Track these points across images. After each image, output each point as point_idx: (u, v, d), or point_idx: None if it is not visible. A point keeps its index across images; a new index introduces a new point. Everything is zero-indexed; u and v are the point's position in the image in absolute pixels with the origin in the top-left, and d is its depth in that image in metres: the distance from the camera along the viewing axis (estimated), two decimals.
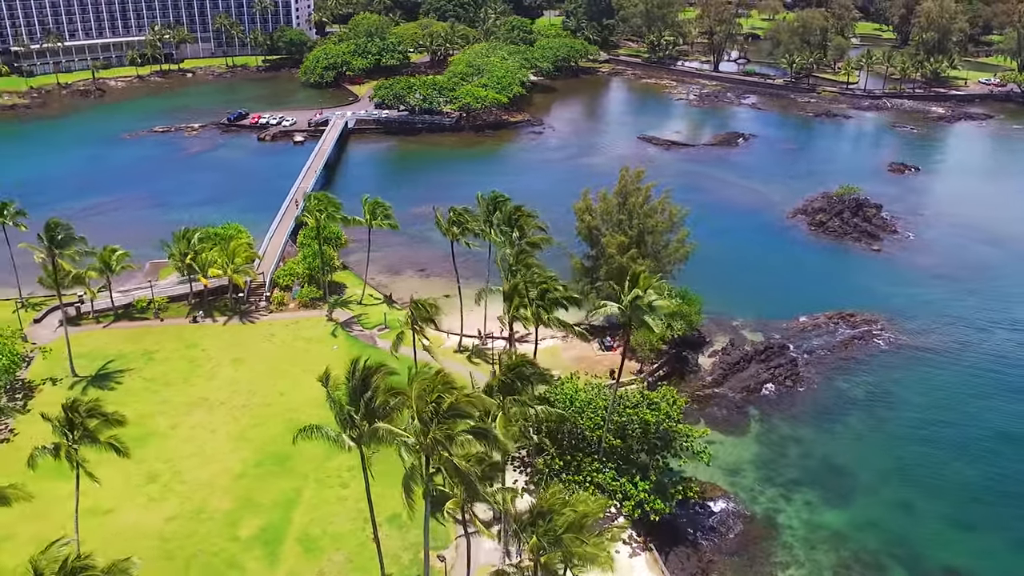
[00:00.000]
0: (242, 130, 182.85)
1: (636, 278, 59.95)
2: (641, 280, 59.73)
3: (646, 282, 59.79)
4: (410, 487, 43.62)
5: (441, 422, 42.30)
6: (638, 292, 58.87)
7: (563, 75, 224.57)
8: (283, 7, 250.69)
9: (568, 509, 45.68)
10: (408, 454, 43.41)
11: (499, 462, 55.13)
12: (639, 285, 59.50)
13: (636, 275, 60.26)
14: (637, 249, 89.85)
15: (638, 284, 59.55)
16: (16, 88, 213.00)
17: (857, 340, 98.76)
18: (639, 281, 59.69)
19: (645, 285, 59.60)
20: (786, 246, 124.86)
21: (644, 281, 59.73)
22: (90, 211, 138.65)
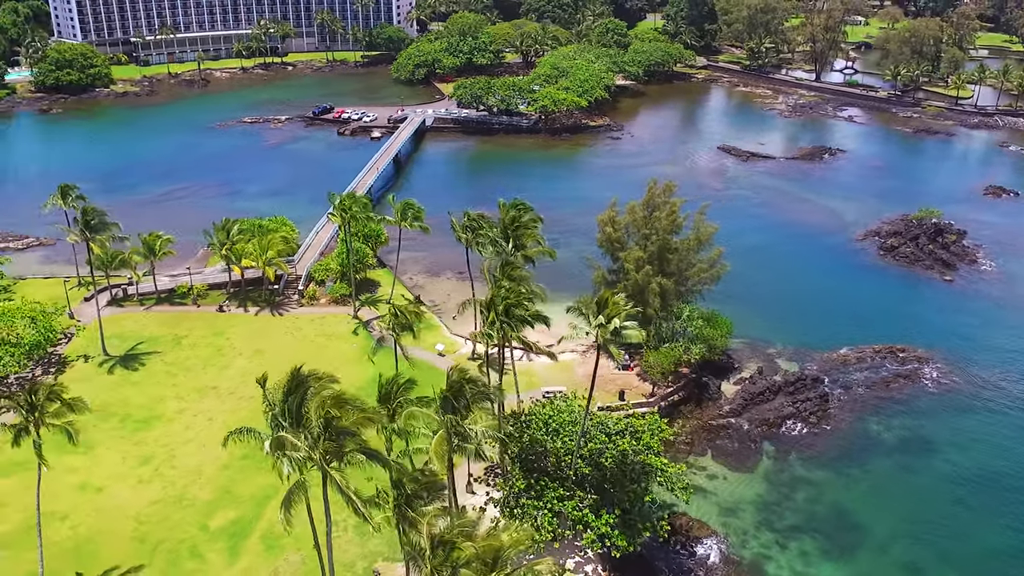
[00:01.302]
0: (325, 124, 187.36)
1: (604, 302, 56.74)
2: (610, 305, 56.48)
3: (615, 308, 56.50)
4: (290, 502, 42.54)
5: (330, 439, 41.02)
6: (601, 319, 55.73)
7: (656, 80, 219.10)
8: (384, 4, 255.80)
9: (470, 543, 43.38)
10: (292, 467, 42.30)
11: (437, 481, 53.36)
12: (608, 310, 56.28)
13: (604, 299, 57.04)
14: (657, 266, 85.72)
15: (607, 308, 56.33)
16: (131, 76, 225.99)
17: (902, 379, 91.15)
18: (608, 305, 56.45)
19: (613, 312, 56.32)
20: (847, 270, 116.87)
21: (613, 307, 56.46)
22: (165, 197, 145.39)
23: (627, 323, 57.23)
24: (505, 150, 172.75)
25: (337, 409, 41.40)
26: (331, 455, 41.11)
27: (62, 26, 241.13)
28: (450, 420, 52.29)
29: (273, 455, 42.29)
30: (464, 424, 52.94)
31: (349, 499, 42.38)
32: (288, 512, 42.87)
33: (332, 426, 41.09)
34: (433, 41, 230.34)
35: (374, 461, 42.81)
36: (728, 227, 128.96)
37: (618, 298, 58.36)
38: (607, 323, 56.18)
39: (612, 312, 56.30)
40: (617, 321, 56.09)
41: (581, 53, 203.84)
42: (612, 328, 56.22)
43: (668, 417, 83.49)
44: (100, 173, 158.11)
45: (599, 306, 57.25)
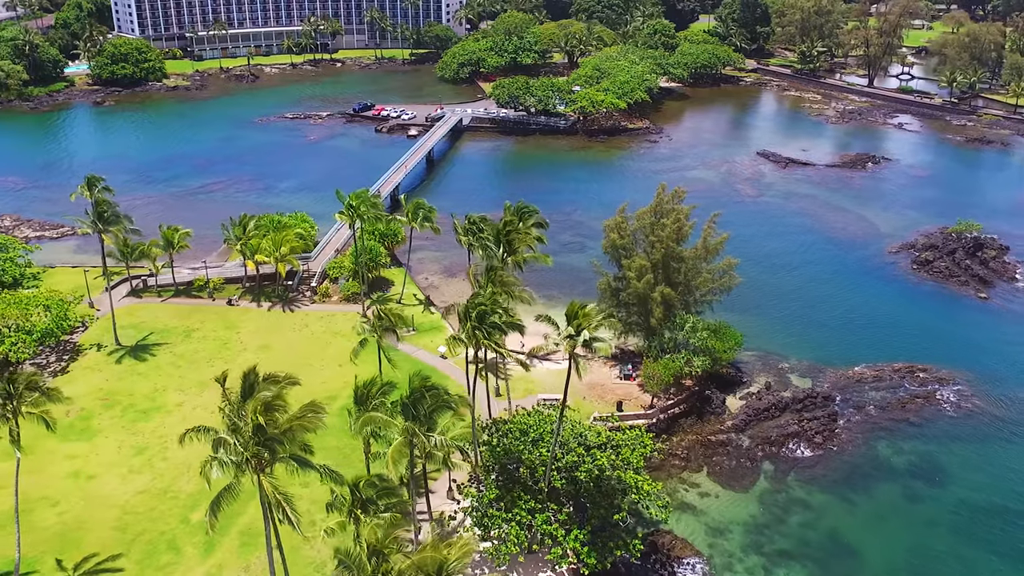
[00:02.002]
0: (365, 121, 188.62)
1: (575, 313, 55.16)
2: (580, 316, 54.88)
3: (585, 319, 54.86)
4: (217, 506, 42.19)
5: (262, 443, 40.59)
6: (570, 330, 54.19)
7: (702, 83, 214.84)
8: (434, 3, 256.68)
9: (402, 555, 42.53)
10: (223, 471, 41.99)
11: (394, 488, 52.80)
12: (578, 321, 54.70)
13: (574, 310, 55.45)
14: (662, 274, 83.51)
15: (576, 319, 54.75)
16: (184, 71, 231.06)
17: (919, 400, 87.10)
18: (578, 316, 54.87)
19: (583, 323, 54.70)
20: (876, 284, 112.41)
21: (583, 318, 54.84)
22: (201, 190, 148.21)
23: (598, 335, 55.52)
24: (540, 151, 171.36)
25: (266, 415, 40.91)
26: (264, 460, 40.62)
27: (121, 22, 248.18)
28: (409, 427, 51.44)
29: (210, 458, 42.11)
30: (423, 432, 52.03)
31: (277, 505, 41.86)
32: (214, 516, 42.59)
33: (263, 431, 40.59)
34: (479, 40, 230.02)
35: (306, 468, 42.15)
36: (755, 235, 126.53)
37: (589, 309, 56.76)
38: (576, 334, 54.61)
39: (582, 323, 54.69)
40: (587, 333, 54.46)
41: (625, 54, 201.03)
42: (582, 340, 54.62)
43: (667, 430, 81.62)
44: (141, 164, 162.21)
45: (569, 317, 55.70)
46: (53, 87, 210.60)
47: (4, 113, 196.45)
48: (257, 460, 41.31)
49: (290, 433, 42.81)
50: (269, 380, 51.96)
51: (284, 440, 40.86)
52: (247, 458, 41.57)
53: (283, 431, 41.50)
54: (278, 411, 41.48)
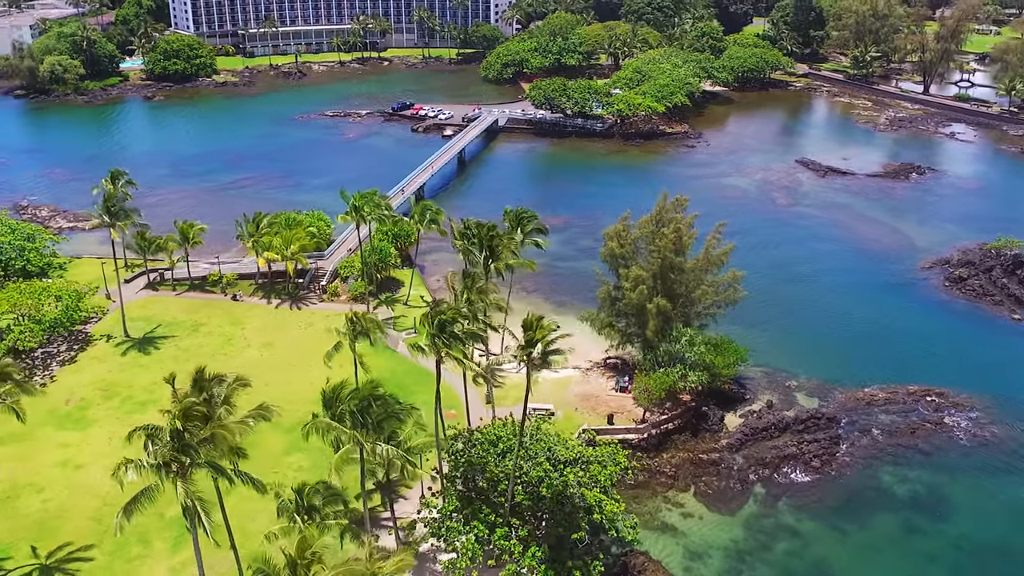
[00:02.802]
0: (402, 120, 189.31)
1: (531, 325, 53.49)
2: (537, 328, 53.20)
3: (542, 332, 53.17)
4: (131, 509, 41.91)
5: (180, 448, 40.21)
6: (521, 342, 52.56)
7: (750, 87, 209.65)
8: (482, 3, 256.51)
9: (322, 566, 41.63)
10: (139, 474, 41.73)
11: (337, 495, 52.11)
12: (534, 333, 53.03)
13: (530, 322, 53.77)
14: (661, 285, 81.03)
15: (533, 332, 53.08)
16: (234, 67, 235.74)
17: (930, 425, 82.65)
18: (535, 328, 53.19)
19: (541, 335, 53.02)
20: (902, 300, 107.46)
21: (540, 331, 53.16)
22: (231, 185, 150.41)
23: (555, 349, 53.77)
24: (574, 154, 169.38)
25: (184, 421, 40.54)
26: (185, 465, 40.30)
27: (178, 19, 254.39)
28: (353, 435, 50.61)
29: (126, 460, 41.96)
30: (370, 440, 51.15)
31: (193, 510, 41.49)
32: (125, 518, 42.39)
33: (181, 436, 40.22)
34: (523, 41, 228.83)
35: (221, 475, 41.67)
36: (781, 246, 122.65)
37: (547, 322, 55.03)
38: (530, 346, 52.94)
39: (537, 336, 53.01)
40: (540, 346, 52.76)
41: (668, 57, 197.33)
42: (538, 353, 52.95)
43: (659, 446, 79.20)
44: (180, 159, 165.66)
45: (525, 328, 54.08)
46: (108, 81, 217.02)
47: (60, 106, 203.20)
48: (179, 465, 40.99)
49: (212, 439, 42.34)
50: (216, 380, 51.82)
51: (205, 446, 40.41)
52: (163, 463, 41.29)
53: (204, 438, 41.05)
54: (194, 418, 41.02)
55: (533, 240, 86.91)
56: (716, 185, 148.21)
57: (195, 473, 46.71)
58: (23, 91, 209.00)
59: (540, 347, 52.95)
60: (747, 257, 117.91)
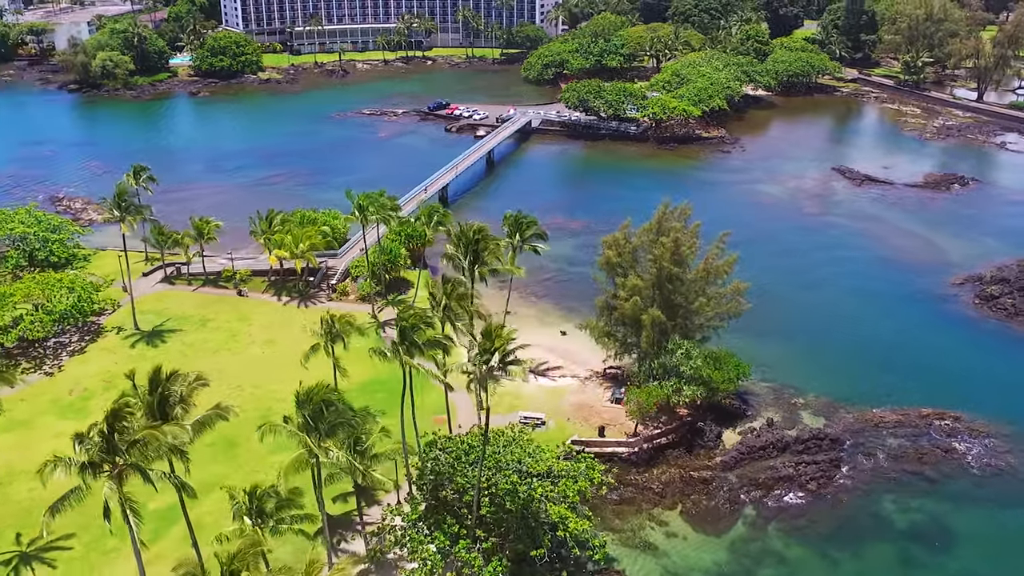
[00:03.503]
0: (438, 120, 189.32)
1: (490, 333, 52.15)
2: (496, 337, 51.85)
3: (500, 341, 51.79)
4: (57, 508, 41.91)
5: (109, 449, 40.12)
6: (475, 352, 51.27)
7: (795, 92, 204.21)
8: (528, 3, 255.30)
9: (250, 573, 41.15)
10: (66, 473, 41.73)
11: (291, 499, 51.66)
12: (492, 341, 51.69)
13: (490, 330, 52.42)
14: (659, 295, 78.82)
15: (491, 340, 51.75)
16: (280, 64, 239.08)
17: (940, 451, 78.66)
18: (493, 337, 51.85)
19: (499, 344, 51.65)
20: (926, 317, 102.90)
21: (499, 339, 51.79)
22: (261, 182, 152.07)
23: (513, 358, 52.32)
24: (606, 157, 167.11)
25: (115, 421, 40.42)
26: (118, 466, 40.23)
27: (228, 16, 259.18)
28: (303, 440, 50.08)
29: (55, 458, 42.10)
30: (321, 446, 50.58)
31: (124, 513, 41.42)
32: (51, 517, 42.46)
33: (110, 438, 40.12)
34: (565, 42, 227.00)
35: (146, 481, 41.52)
36: (805, 256, 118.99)
37: (507, 331, 53.63)
38: (488, 355, 51.63)
39: (496, 345, 51.66)
40: (497, 356, 51.35)
41: (709, 60, 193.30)
42: (494, 362, 51.59)
43: (650, 461, 76.99)
44: (216, 154, 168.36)
45: (484, 336, 52.76)
46: (157, 77, 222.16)
47: (109, 100, 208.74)
48: (113, 465, 40.95)
49: (143, 442, 42.25)
50: (174, 379, 51.91)
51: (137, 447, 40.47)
52: (90, 462, 41.34)
53: (135, 439, 40.98)
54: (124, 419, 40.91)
55: (532, 246, 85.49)
56: (746, 191, 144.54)
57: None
58: (76, 85, 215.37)
59: (498, 356, 51.55)
60: (767, 266, 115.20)
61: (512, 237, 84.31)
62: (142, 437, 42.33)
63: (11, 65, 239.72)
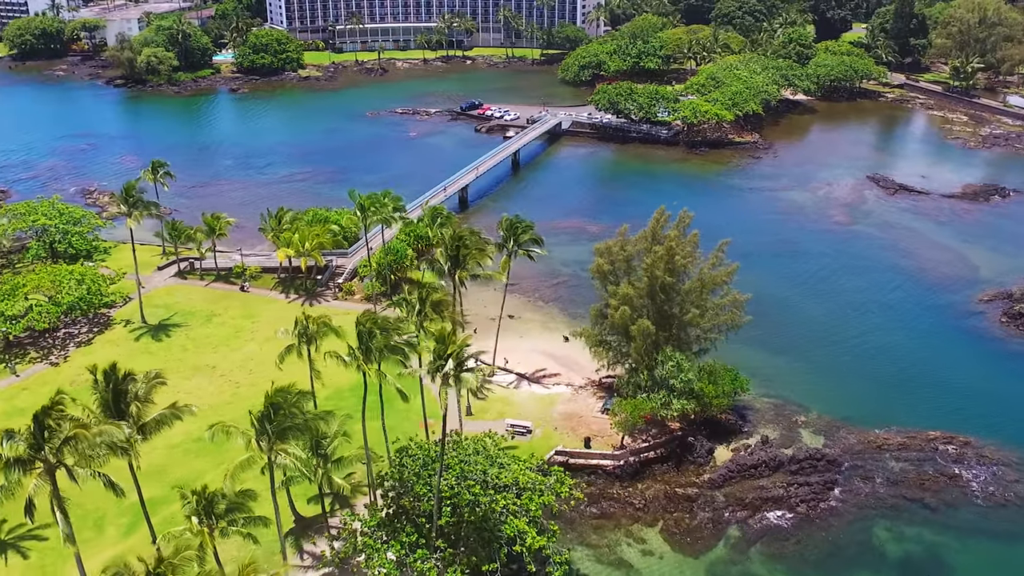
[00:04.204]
0: (469, 119, 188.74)
1: (443, 338, 50.97)
2: (449, 344, 50.66)
3: (454, 347, 50.58)
4: None
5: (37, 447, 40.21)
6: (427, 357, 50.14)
7: (836, 97, 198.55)
8: (569, 3, 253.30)
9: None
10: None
11: (239, 503, 51.39)
12: (446, 347, 50.51)
13: (443, 335, 51.22)
14: (651, 305, 76.73)
15: (445, 346, 50.57)
16: (320, 62, 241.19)
17: (944, 478, 74.97)
18: (446, 343, 50.67)
19: (453, 349, 50.44)
20: (947, 335, 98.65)
21: (452, 345, 50.59)
22: (286, 179, 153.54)
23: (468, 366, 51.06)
24: (634, 160, 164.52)
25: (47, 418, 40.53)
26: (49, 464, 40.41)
27: (273, 14, 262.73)
28: (251, 441, 49.69)
29: None
30: (269, 449, 50.16)
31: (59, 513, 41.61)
32: None
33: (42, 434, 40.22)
34: (603, 43, 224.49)
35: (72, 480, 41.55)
36: (825, 268, 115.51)
37: (463, 338, 52.43)
38: (442, 362, 50.47)
39: (450, 350, 50.47)
40: (451, 363, 50.14)
41: (747, 63, 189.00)
42: (447, 369, 50.39)
43: (635, 475, 75.00)
44: (246, 151, 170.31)
45: (437, 342, 51.58)
46: (200, 73, 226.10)
47: (153, 96, 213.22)
48: (44, 463, 41.12)
49: (73, 440, 42.35)
50: (131, 378, 52.10)
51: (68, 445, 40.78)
52: (13, 460, 41.52)
53: (67, 437, 41.10)
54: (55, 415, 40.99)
55: (526, 251, 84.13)
56: (771, 199, 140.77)
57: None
58: (122, 80, 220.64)
59: (452, 362, 50.37)
60: (783, 277, 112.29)
61: (507, 241, 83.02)
62: (73, 434, 42.34)
63: (65, 60, 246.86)
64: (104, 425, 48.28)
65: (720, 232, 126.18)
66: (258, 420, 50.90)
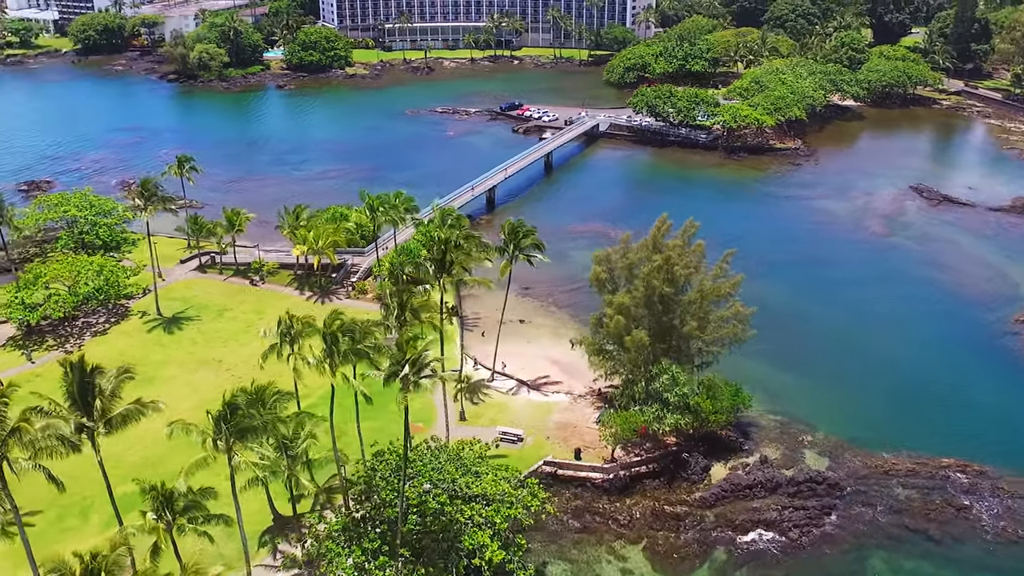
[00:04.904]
0: (508, 120, 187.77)
1: (402, 344, 49.98)
2: (408, 348, 49.65)
3: (413, 351, 49.55)
4: None
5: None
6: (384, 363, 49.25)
7: (888, 103, 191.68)
8: (619, 4, 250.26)
9: None
10: None
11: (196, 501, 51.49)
12: (405, 351, 49.54)
13: (403, 340, 50.22)
14: (648, 316, 74.60)
15: (403, 350, 49.60)
16: (368, 60, 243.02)
17: (952, 509, 71.05)
18: (406, 348, 49.67)
19: (412, 354, 49.43)
20: (976, 356, 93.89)
21: (411, 349, 49.56)
22: (320, 176, 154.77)
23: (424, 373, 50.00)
24: (670, 165, 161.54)
25: None
26: None
27: (325, 12, 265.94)
28: (209, 440, 49.67)
29: None
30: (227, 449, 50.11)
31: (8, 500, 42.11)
32: None
33: None
34: (650, 45, 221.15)
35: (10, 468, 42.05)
36: (854, 281, 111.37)
37: (425, 342, 51.35)
38: (397, 367, 49.49)
39: (409, 355, 49.46)
40: (407, 368, 49.10)
41: (793, 67, 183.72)
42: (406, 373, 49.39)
43: (625, 490, 72.95)
44: (285, 147, 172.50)
45: (398, 347, 50.59)
46: (250, 70, 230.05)
47: (203, 91, 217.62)
48: None
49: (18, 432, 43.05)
50: (98, 371, 52.67)
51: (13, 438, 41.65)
52: None
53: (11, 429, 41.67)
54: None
55: (527, 256, 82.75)
56: (806, 207, 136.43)
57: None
58: (175, 76, 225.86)
59: (409, 367, 49.38)
60: (807, 289, 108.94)
61: (508, 246, 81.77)
62: (17, 427, 42.87)
63: (125, 55, 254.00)
64: (52, 419, 48.75)
65: (746, 241, 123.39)
66: (215, 420, 50.76)
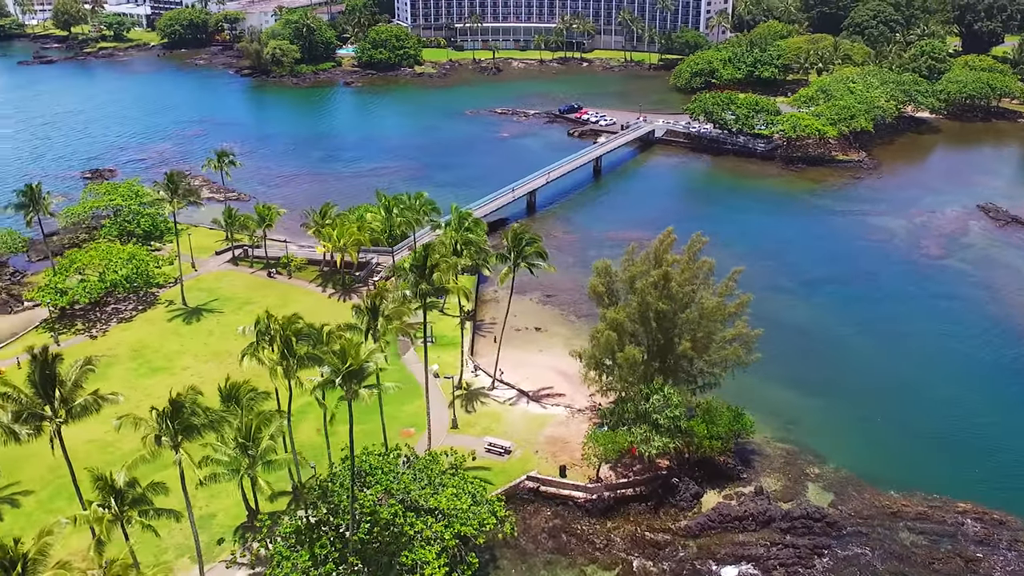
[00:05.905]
0: (566, 122, 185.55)
1: (343, 352, 48.94)
2: (351, 354, 48.61)
3: (358, 358, 48.46)
4: None
5: None
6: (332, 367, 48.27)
7: (969, 116, 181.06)
8: (692, 8, 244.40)
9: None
10: None
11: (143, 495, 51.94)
12: (350, 357, 48.53)
13: (343, 348, 49.16)
14: (643, 330, 71.72)
15: (347, 359, 48.59)
16: (438, 59, 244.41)
17: (961, 559, 65.65)
18: (348, 354, 48.65)
19: (358, 361, 48.36)
20: (1017, 395, 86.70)
21: (356, 357, 48.49)
22: (368, 173, 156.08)
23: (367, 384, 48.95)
24: (722, 174, 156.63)
25: None
26: None
27: (399, 10, 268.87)
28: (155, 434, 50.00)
29: None
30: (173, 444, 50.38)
31: None
32: None
33: None
34: (719, 50, 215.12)
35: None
36: (897, 305, 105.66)
37: (369, 350, 50.23)
38: (333, 376, 48.58)
39: (352, 363, 48.45)
40: (340, 379, 48.09)
41: (864, 76, 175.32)
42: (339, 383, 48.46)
43: (607, 512, 70.21)
44: (339, 144, 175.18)
45: (340, 355, 49.61)
46: (321, 66, 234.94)
47: (274, 86, 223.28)
48: None
49: None
50: (59, 360, 53.76)
51: None
52: None
53: None
54: None
55: (528, 264, 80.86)
56: (860, 223, 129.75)
57: None
58: (250, 71, 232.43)
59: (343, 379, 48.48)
60: (845, 311, 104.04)
61: (510, 253, 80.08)
62: None
63: (207, 50, 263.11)
64: None
65: (785, 256, 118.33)
66: (159, 417, 50.96)
